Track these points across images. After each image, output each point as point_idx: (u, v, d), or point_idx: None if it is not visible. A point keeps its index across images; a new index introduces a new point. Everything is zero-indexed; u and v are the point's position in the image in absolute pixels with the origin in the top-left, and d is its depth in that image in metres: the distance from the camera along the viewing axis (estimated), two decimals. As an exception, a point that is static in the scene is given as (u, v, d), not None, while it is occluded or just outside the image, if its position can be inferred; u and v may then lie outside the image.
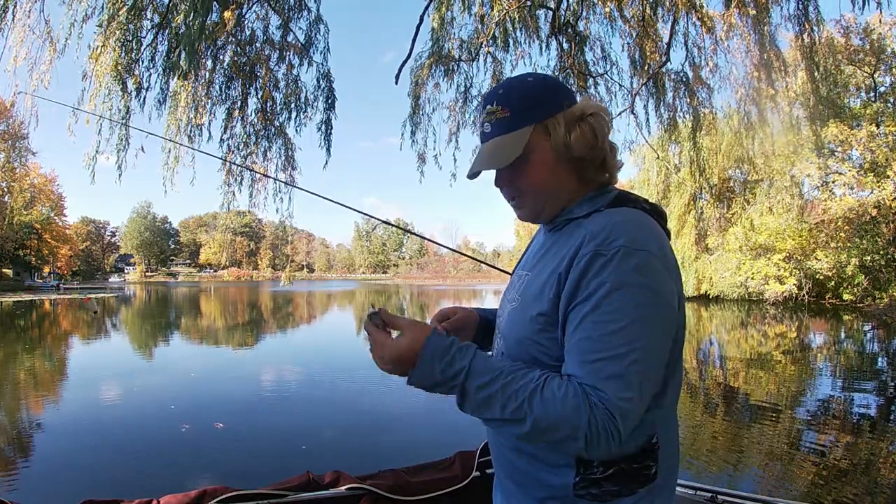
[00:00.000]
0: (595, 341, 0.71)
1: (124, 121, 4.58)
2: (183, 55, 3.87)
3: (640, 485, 0.77)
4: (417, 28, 5.43)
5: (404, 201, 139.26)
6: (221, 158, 5.50)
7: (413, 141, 6.16)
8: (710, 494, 1.56)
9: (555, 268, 0.80)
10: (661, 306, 0.73)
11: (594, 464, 0.76)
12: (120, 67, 4.48)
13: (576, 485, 0.77)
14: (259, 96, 5.57)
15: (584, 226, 0.79)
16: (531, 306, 0.82)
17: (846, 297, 22.40)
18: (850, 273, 21.80)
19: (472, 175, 0.90)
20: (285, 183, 5.66)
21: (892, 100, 21.37)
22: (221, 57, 5.40)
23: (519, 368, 0.75)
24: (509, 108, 0.85)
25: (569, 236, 0.82)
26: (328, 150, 5.71)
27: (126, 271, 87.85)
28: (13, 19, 4.29)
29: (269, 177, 5.84)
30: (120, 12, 4.32)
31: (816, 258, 22.75)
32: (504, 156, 0.84)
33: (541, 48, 5.85)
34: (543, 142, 0.84)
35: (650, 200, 0.88)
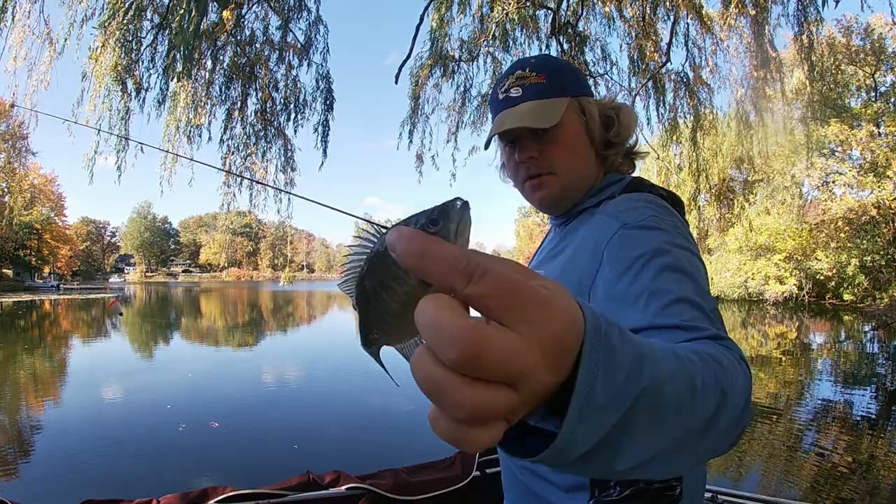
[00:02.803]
0: (656, 292, 0.59)
1: (124, 134, 4.59)
2: (179, 57, 3.87)
3: None
4: (417, 28, 5.44)
5: (405, 201, 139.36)
6: (220, 168, 5.50)
7: (411, 141, 6.16)
8: (710, 494, 1.56)
9: (571, 258, 0.75)
10: (699, 257, 0.68)
11: (610, 483, 0.66)
12: (120, 68, 4.48)
13: None
14: (258, 97, 5.58)
15: (602, 211, 0.76)
16: None
17: (846, 297, 22.40)
18: (850, 273, 21.81)
19: (505, 132, 0.81)
20: (281, 190, 5.67)
21: (892, 100, 21.37)
22: (221, 57, 5.40)
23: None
24: (545, 74, 0.81)
25: (583, 224, 0.79)
26: (325, 151, 5.70)
27: (126, 271, 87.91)
28: (13, 20, 4.30)
29: (266, 185, 5.83)
30: (120, 13, 4.31)
31: (817, 258, 22.76)
32: (547, 116, 0.78)
33: (541, 48, 5.85)
34: (578, 117, 0.81)
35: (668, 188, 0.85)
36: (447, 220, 0.27)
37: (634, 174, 0.88)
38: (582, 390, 0.27)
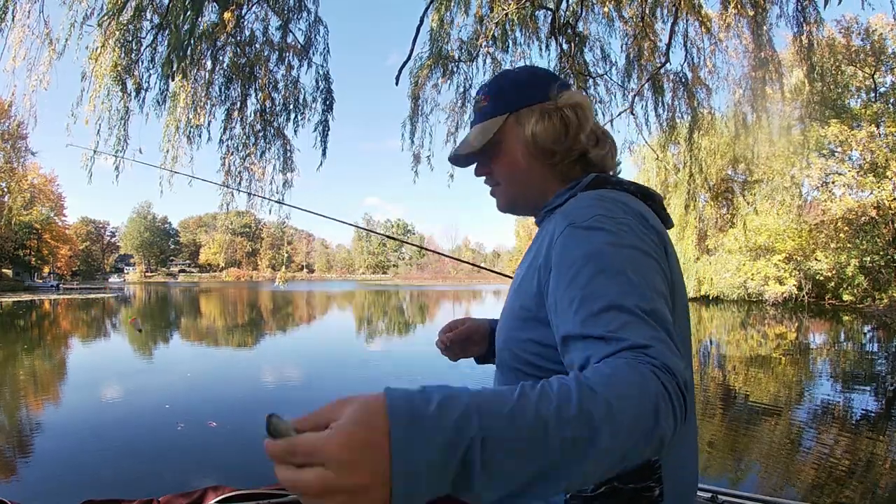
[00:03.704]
0: (587, 297, 0.59)
1: (131, 158, 4.62)
2: (174, 58, 3.87)
3: None
4: (417, 29, 5.44)
5: (405, 201, 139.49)
6: (218, 183, 5.53)
7: (412, 142, 6.17)
8: (709, 494, 1.56)
9: (534, 257, 0.76)
10: (649, 254, 0.65)
11: None
12: (119, 68, 4.48)
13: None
14: (258, 97, 5.58)
15: (559, 211, 0.76)
16: (514, 301, 0.78)
17: (846, 297, 22.42)
18: (849, 274, 21.83)
19: (451, 160, 0.92)
20: (278, 202, 5.67)
21: (892, 100, 21.39)
22: (221, 57, 5.40)
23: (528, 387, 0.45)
24: (489, 97, 0.87)
25: (547, 224, 0.79)
26: (324, 151, 5.70)
27: (126, 271, 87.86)
28: (13, 20, 4.30)
29: (260, 196, 5.84)
30: (119, 13, 4.32)
31: (816, 259, 22.78)
32: (470, 142, 0.86)
33: (540, 49, 5.86)
34: (517, 131, 0.83)
35: (639, 182, 0.82)
36: (272, 434, 0.40)
37: (634, 175, 0.88)
38: (397, 459, 0.36)
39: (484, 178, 0.91)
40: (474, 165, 0.92)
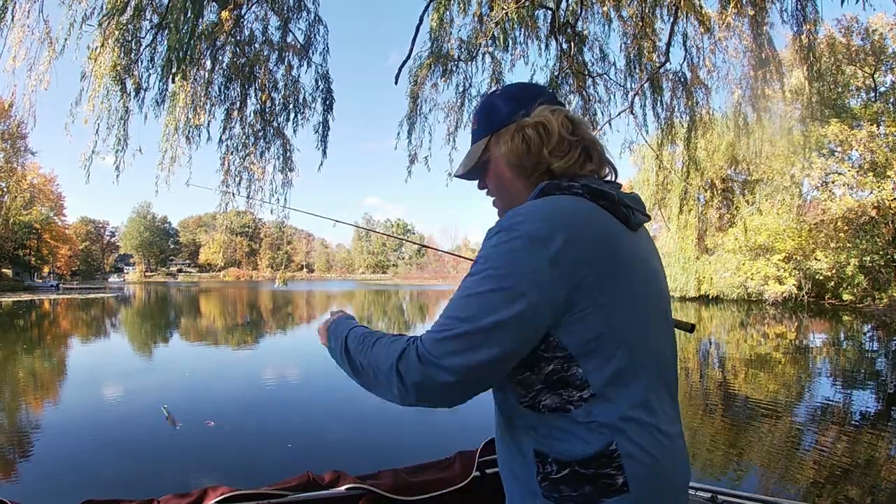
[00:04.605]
0: (452, 301, 0.78)
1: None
2: (174, 59, 3.86)
3: (605, 494, 0.74)
4: (417, 28, 5.44)
5: (405, 201, 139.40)
6: (218, 189, 5.53)
7: (410, 142, 6.15)
8: (709, 494, 1.56)
9: None
10: (509, 288, 0.73)
11: (549, 459, 0.77)
12: (119, 68, 4.48)
13: (540, 483, 0.78)
14: (258, 97, 5.57)
15: None
16: None
17: (846, 297, 22.42)
18: (849, 273, 21.82)
19: (457, 176, 1.04)
20: (283, 207, 5.70)
21: (892, 100, 21.38)
22: (220, 57, 5.40)
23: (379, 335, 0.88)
24: (477, 121, 0.98)
25: None
26: (324, 151, 5.70)
27: (125, 271, 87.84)
28: (12, 19, 4.29)
29: (260, 201, 5.84)
30: (119, 13, 4.31)
31: (816, 258, 22.77)
32: (464, 164, 0.99)
33: (540, 48, 5.86)
34: (496, 150, 0.93)
35: (593, 184, 0.84)
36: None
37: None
38: (329, 338, 0.99)
39: (485, 191, 1.01)
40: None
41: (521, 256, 0.74)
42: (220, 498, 1.35)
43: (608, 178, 0.92)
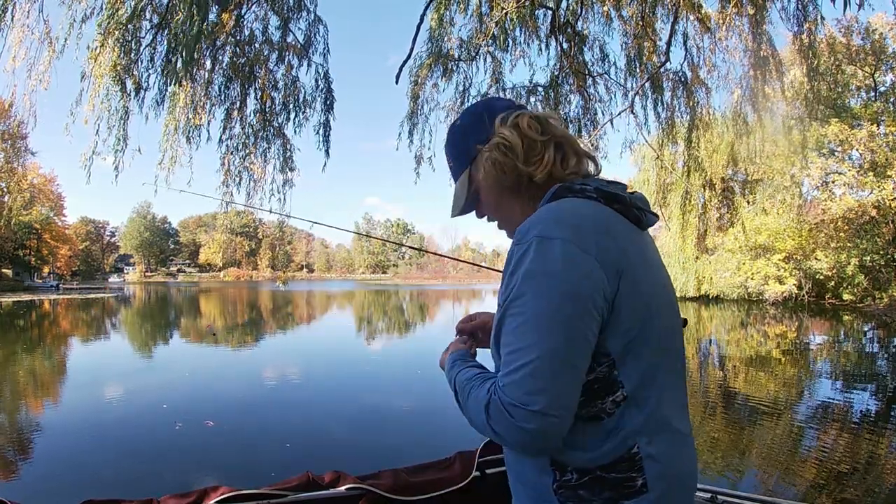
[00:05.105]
0: (508, 334, 0.74)
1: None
2: (181, 62, 3.86)
3: (624, 497, 0.74)
4: (417, 28, 5.43)
5: (405, 201, 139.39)
6: (217, 198, 5.52)
7: (411, 141, 6.15)
8: (709, 494, 1.56)
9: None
10: (566, 296, 0.71)
11: (568, 468, 0.76)
12: (119, 68, 4.47)
13: (556, 490, 0.77)
14: (258, 97, 5.57)
15: None
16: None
17: (846, 297, 22.41)
18: (849, 273, 21.82)
19: (454, 215, 1.05)
20: (280, 214, 5.67)
21: (892, 99, 21.38)
22: (220, 57, 5.39)
23: (478, 378, 0.83)
24: (451, 159, 1.01)
25: None
26: (327, 151, 5.69)
27: (125, 271, 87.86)
28: (12, 19, 4.29)
29: (259, 209, 5.83)
30: (119, 13, 4.31)
31: (816, 258, 22.77)
32: (458, 203, 1.00)
33: (540, 48, 5.85)
34: (477, 178, 0.94)
35: (605, 187, 0.84)
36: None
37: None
38: (447, 369, 0.95)
39: (486, 217, 1.02)
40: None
41: (566, 266, 0.72)
42: (219, 498, 1.35)
43: (590, 171, 0.91)
